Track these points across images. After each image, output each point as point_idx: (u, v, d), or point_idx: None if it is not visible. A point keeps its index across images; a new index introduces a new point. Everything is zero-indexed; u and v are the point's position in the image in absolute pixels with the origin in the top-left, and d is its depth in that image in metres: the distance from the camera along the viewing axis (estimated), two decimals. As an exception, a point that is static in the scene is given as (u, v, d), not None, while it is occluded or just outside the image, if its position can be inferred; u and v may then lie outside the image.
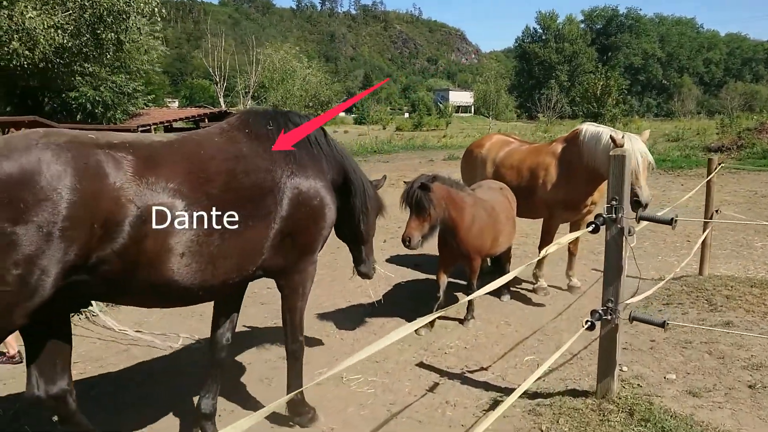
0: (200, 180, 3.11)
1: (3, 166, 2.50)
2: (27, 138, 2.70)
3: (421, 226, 5.03)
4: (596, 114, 49.33)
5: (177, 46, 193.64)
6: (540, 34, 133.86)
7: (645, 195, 5.57)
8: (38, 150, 2.62)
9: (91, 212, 2.68)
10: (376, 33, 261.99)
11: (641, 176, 5.55)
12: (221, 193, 3.15)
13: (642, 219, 3.54)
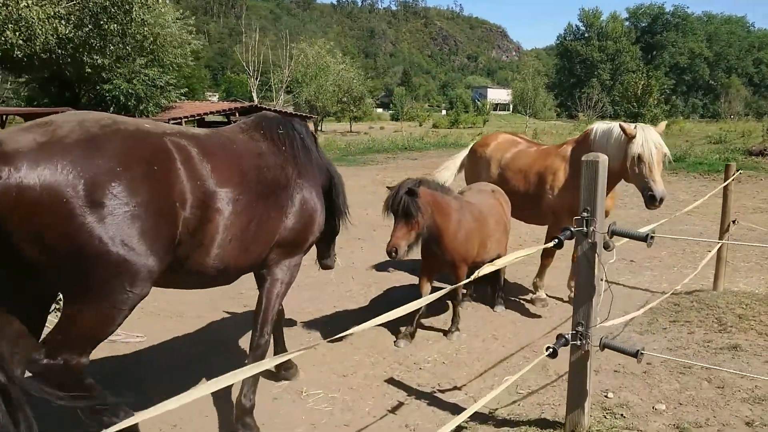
0: (240, 171, 3.38)
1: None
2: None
3: (408, 234, 4.69)
4: (636, 114, 47.97)
5: (219, 40, 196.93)
6: (582, 32, 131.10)
7: (659, 189, 5.19)
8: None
9: (177, 193, 2.92)
10: (416, 29, 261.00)
11: (655, 169, 5.19)
12: (254, 185, 3.43)
13: (615, 234, 3.12)
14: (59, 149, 2.59)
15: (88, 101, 31.03)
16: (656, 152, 5.18)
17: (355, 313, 6.23)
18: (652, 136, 5.22)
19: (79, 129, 2.71)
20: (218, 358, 4.93)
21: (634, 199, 13.17)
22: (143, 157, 2.84)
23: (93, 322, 2.76)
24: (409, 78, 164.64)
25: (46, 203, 2.51)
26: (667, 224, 10.18)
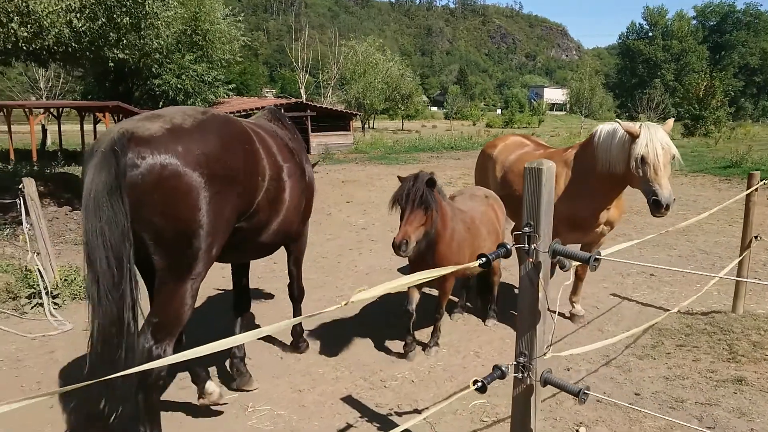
0: (288, 151, 4.19)
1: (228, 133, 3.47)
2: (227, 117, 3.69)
3: (419, 228, 4.26)
4: (698, 116, 45.77)
5: (278, 38, 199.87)
6: (646, 31, 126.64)
7: (665, 194, 4.62)
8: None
9: (261, 168, 3.67)
10: (474, 27, 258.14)
11: (661, 172, 4.65)
12: (294, 163, 4.18)
13: (556, 254, 2.68)
14: (184, 133, 3.18)
15: (141, 96, 31.87)
16: (662, 153, 4.65)
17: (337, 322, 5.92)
18: (658, 135, 4.69)
19: (189, 117, 3.30)
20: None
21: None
22: (237, 138, 3.52)
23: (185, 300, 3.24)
24: (465, 76, 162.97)
25: (180, 175, 3.07)
26: (692, 235, 9.48)
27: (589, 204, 5.29)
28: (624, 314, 6.00)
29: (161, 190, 3.05)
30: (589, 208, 5.31)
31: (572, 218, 5.41)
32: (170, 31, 12.81)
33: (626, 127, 4.87)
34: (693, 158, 24.80)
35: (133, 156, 3.00)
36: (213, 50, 31.27)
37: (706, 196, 14.33)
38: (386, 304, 6.30)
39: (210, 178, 3.18)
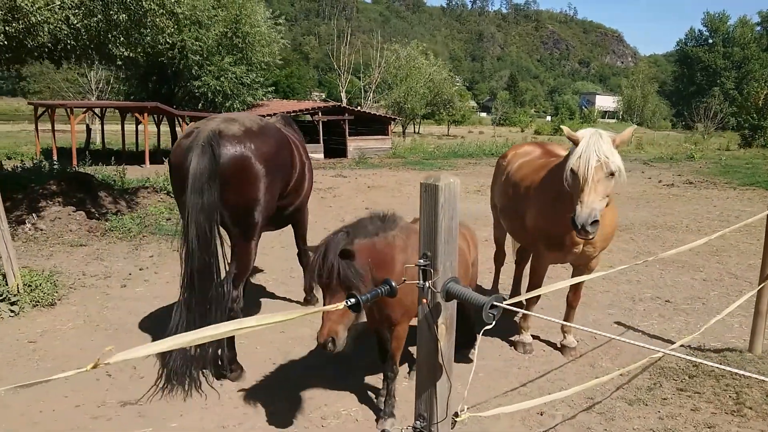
0: (305, 150, 5.56)
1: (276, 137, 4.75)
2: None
3: (347, 312, 3.10)
4: (756, 126, 43.41)
5: (328, 42, 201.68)
6: (705, 37, 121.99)
7: (582, 214, 3.92)
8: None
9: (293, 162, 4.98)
10: (527, 33, 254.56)
11: (587, 188, 3.96)
12: (307, 161, 5.50)
13: (449, 295, 2.10)
14: (253, 134, 4.44)
15: (182, 97, 32.26)
16: (595, 167, 3.96)
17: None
18: (597, 146, 4.01)
19: (254, 123, 4.60)
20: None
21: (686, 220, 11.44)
22: (283, 141, 4.83)
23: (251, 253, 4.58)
24: (516, 82, 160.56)
25: (252, 164, 4.32)
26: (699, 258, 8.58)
27: (560, 219, 4.58)
28: (624, 347, 5.30)
29: (238, 175, 4.28)
30: (560, 225, 4.59)
31: (547, 234, 4.80)
32: (188, 31, 12.51)
33: (568, 134, 4.26)
34: (746, 170, 23.31)
35: (223, 147, 4.23)
36: (253, 53, 31.37)
37: (752, 211, 13.21)
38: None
39: (267, 169, 4.44)
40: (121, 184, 14.19)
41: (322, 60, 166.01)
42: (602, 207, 4.00)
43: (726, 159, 28.93)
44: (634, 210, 13.38)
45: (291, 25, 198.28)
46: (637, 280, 7.43)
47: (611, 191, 4.05)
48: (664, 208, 13.62)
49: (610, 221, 4.65)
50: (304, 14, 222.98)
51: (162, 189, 13.79)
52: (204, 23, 28.07)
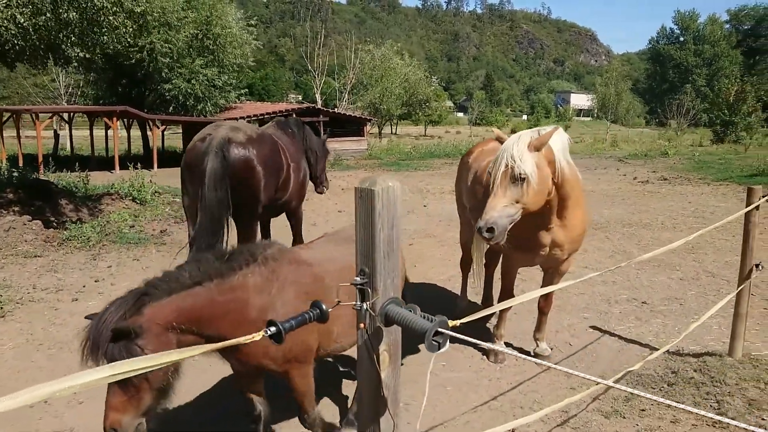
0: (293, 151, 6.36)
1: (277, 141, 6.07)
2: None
3: (139, 398, 2.41)
4: (728, 122, 43.96)
5: (303, 44, 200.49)
6: (677, 35, 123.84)
7: (484, 217, 3.71)
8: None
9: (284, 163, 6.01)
10: (501, 33, 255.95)
11: (493, 190, 3.78)
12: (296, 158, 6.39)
13: (388, 319, 1.81)
14: (254, 141, 5.53)
15: (153, 100, 31.59)
16: (502, 170, 3.75)
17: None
18: (511, 148, 3.79)
19: (254, 132, 5.73)
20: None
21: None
22: (275, 147, 5.88)
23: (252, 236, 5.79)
24: (492, 82, 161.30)
25: (254, 165, 5.44)
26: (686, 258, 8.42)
27: (521, 221, 4.34)
28: (600, 354, 5.06)
29: (244, 173, 5.36)
30: (520, 226, 4.35)
31: (512, 236, 4.53)
32: (156, 33, 12.07)
33: (497, 135, 4.28)
34: (719, 165, 23.46)
35: (234, 151, 5.31)
36: (224, 55, 30.84)
37: (726, 207, 13.15)
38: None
39: (265, 169, 5.57)
40: (85, 190, 13.67)
41: (298, 62, 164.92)
42: (511, 213, 3.74)
43: (699, 155, 29.14)
44: (609, 208, 13.25)
45: (266, 27, 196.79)
46: (613, 281, 7.22)
47: (524, 197, 3.76)
48: (640, 206, 13.51)
49: (577, 224, 4.39)
50: (279, 16, 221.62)
51: (127, 195, 13.30)
52: (173, 25, 27.47)
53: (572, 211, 4.25)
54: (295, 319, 1.71)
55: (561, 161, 3.99)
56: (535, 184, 3.76)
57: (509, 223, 3.73)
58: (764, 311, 6.11)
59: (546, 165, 3.89)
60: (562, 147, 4.04)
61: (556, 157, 3.93)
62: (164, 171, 24.45)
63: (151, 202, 13.02)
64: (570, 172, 4.14)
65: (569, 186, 4.12)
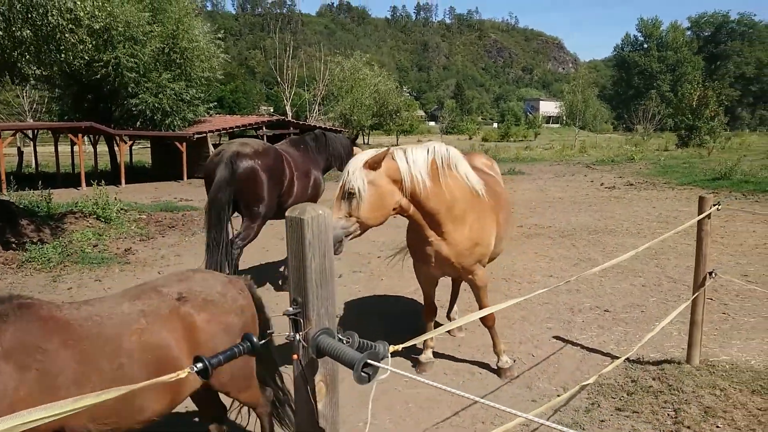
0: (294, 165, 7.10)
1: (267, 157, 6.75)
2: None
3: None
4: (691, 126, 44.96)
5: (274, 56, 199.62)
6: (641, 42, 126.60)
7: None
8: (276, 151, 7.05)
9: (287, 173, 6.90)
10: (471, 42, 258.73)
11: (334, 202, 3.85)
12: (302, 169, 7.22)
13: (319, 350, 1.79)
14: (259, 153, 6.47)
15: (120, 115, 31.10)
16: (340, 185, 3.87)
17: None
18: (347, 165, 3.91)
19: (260, 146, 6.64)
20: None
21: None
22: (279, 157, 6.80)
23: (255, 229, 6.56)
24: (462, 91, 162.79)
25: (257, 173, 6.37)
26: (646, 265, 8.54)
27: (414, 234, 4.54)
28: (563, 364, 5.09)
29: (249, 180, 6.29)
30: (413, 239, 4.62)
31: (410, 248, 4.79)
32: (122, 47, 11.83)
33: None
34: (684, 169, 23.97)
35: (240, 163, 6.28)
36: (192, 68, 30.57)
37: (690, 211, 13.39)
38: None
39: (269, 177, 6.46)
40: (47, 210, 13.37)
41: (269, 74, 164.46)
42: (345, 225, 3.78)
43: (665, 159, 29.74)
44: (576, 215, 13.41)
45: (236, 40, 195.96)
46: (577, 289, 7.29)
47: (355, 211, 3.79)
48: (605, 212, 13.70)
49: (460, 240, 4.34)
50: (248, 28, 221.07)
51: (91, 213, 13.03)
52: (139, 39, 27.15)
53: (453, 227, 4.26)
54: (223, 354, 1.67)
55: (419, 178, 3.99)
56: (366, 200, 3.79)
57: (344, 234, 3.78)
58: (723, 316, 6.20)
59: (387, 182, 3.91)
60: (423, 163, 4.04)
61: (404, 175, 3.94)
62: (132, 187, 24.14)
63: (116, 220, 12.79)
64: (446, 189, 4.16)
65: (439, 202, 4.13)
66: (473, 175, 4.42)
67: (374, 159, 3.84)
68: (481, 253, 4.52)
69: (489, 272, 8.12)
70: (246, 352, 1.75)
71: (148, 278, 8.86)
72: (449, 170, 4.22)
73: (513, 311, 6.31)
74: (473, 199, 4.36)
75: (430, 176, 4.07)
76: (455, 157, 4.29)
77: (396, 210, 4.05)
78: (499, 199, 4.84)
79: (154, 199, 18.54)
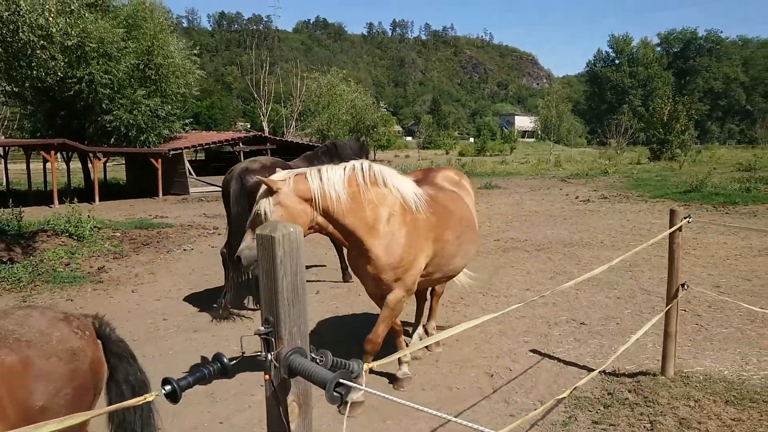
0: None
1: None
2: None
3: None
4: (663, 140, 45.88)
5: (252, 72, 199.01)
6: (612, 58, 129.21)
7: (240, 248, 3.99)
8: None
9: None
10: (446, 58, 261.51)
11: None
12: None
13: (291, 371, 1.77)
14: (266, 168, 6.72)
15: (94, 132, 30.67)
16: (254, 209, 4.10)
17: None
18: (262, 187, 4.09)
19: (268, 161, 7.10)
20: None
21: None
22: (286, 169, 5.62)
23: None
24: (439, 106, 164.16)
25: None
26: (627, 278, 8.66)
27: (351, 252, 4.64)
28: (540, 378, 5.10)
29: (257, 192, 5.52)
30: (347, 255, 4.79)
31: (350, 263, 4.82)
32: (95, 64, 11.68)
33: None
34: (656, 182, 24.39)
35: (248, 177, 6.70)
36: (167, 84, 30.37)
37: (662, 224, 13.61)
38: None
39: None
40: (18, 228, 13.10)
41: (245, 90, 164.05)
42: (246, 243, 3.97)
43: (638, 172, 30.24)
44: (552, 228, 13.54)
45: (212, 56, 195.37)
46: (553, 302, 7.34)
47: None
48: (580, 225, 13.85)
49: (376, 255, 4.29)
50: (225, 45, 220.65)
51: (64, 231, 12.80)
52: (113, 55, 26.90)
53: (374, 242, 4.26)
54: (193, 376, 1.64)
55: (332, 196, 4.04)
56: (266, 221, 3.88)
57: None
58: (696, 327, 6.29)
59: (298, 202, 3.99)
60: (339, 180, 4.09)
61: (314, 194, 4.00)
62: (107, 204, 23.80)
63: (89, 237, 12.58)
64: (368, 206, 4.18)
65: (358, 218, 4.14)
66: (409, 190, 4.41)
67: (273, 181, 3.97)
68: (402, 270, 4.38)
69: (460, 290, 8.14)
70: (217, 374, 1.72)
71: (121, 297, 8.75)
72: (374, 186, 4.23)
73: (490, 325, 6.32)
74: (404, 214, 4.33)
75: (348, 193, 4.10)
76: (382, 173, 4.31)
77: (313, 228, 4.13)
78: (447, 216, 4.74)
79: (128, 216, 18.29)
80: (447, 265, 4.84)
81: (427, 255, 4.53)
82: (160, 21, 30.05)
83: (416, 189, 4.51)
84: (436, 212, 4.58)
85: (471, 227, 5.11)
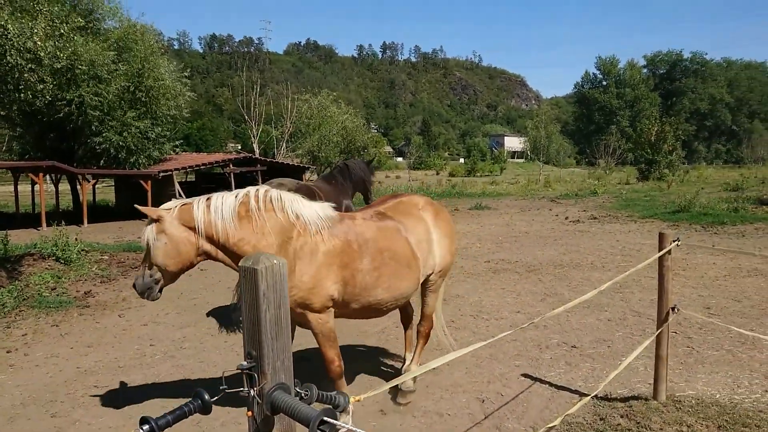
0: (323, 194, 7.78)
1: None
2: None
3: None
4: (651, 161, 46.32)
5: (242, 93, 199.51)
6: (600, 80, 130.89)
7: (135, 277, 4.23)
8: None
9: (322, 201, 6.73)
10: (436, 80, 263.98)
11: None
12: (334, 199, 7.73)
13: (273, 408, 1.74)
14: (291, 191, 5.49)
15: (84, 154, 30.54)
16: None
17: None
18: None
19: (293, 184, 7.62)
20: None
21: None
22: (309, 191, 7.32)
23: None
24: (429, 127, 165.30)
25: None
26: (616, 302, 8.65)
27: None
28: (532, 403, 5.05)
29: None
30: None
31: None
32: (86, 86, 11.67)
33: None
34: (645, 203, 24.53)
35: None
36: (157, 106, 30.37)
37: (652, 244, 13.65)
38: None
39: None
40: (4, 251, 12.94)
41: (236, 111, 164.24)
42: (151, 273, 4.09)
43: (627, 193, 30.42)
44: (542, 249, 13.54)
45: (203, 78, 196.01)
46: (544, 324, 7.30)
47: (153, 259, 4.04)
48: (570, 246, 13.86)
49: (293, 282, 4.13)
50: (216, 66, 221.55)
51: (51, 254, 12.65)
52: (103, 78, 26.89)
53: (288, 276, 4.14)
54: (172, 414, 1.59)
55: (217, 223, 4.03)
56: (158, 248, 4.01)
57: (153, 282, 4.09)
58: (688, 349, 6.26)
59: (183, 230, 4.03)
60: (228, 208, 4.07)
61: (197, 222, 4.02)
62: (95, 226, 23.60)
63: (76, 261, 12.44)
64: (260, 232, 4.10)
65: (248, 246, 4.05)
66: (313, 216, 4.29)
67: (154, 210, 4.05)
68: (299, 297, 4.17)
69: (456, 309, 8.07)
70: (197, 411, 1.67)
71: (108, 322, 8.62)
72: (269, 212, 4.12)
73: (481, 349, 6.25)
74: (301, 239, 4.18)
75: (236, 220, 4.05)
76: (281, 199, 4.23)
77: (201, 256, 4.16)
78: (362, 245, 4.45)
79: (117, 239, 18.12)
80: (364, 297, 4.48)
81: (334, 281, 4.26)
82: (151, 44, 30.16)
83: (325, 214, 4.36)
84: (345, 239, 4.37)
85: (399, 261, 4.64)
